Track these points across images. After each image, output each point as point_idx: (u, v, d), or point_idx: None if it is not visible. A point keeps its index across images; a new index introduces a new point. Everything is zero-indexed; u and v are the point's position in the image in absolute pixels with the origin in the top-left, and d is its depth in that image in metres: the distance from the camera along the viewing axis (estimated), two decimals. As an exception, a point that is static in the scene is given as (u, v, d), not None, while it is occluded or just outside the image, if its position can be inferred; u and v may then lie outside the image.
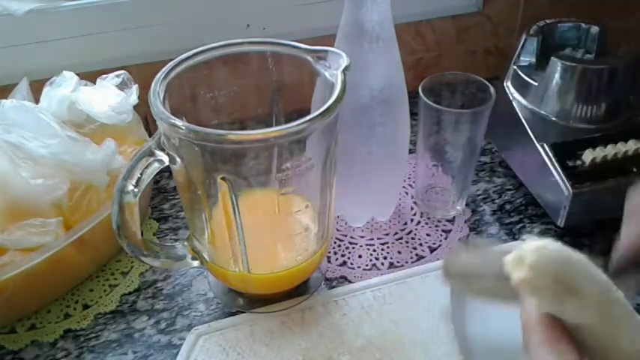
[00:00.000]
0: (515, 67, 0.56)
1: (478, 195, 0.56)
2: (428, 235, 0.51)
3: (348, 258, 0.49)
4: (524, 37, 0.55)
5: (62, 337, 0.44)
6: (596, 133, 0.50)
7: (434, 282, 0.44)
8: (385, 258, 0.49)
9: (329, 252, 0.49)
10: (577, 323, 0.24)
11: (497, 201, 0.55)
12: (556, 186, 0.47)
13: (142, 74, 0.55)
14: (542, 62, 0.54)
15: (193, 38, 0.46)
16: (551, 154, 0.49)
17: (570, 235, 0.50)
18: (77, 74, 0.51)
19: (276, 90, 0.42)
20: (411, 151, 0.50)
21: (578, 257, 0.24)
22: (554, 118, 0.52)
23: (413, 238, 0.51)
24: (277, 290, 0.44)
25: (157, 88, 0.35)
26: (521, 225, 0.52)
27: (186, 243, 0.42)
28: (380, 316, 0.42)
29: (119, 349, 0.43)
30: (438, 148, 0.49)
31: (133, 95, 0.51)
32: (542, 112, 0.53)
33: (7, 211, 0.42)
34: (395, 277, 0.45)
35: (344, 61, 0.37)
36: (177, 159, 0.36)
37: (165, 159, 0.36)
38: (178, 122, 0.32)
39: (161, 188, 0.58)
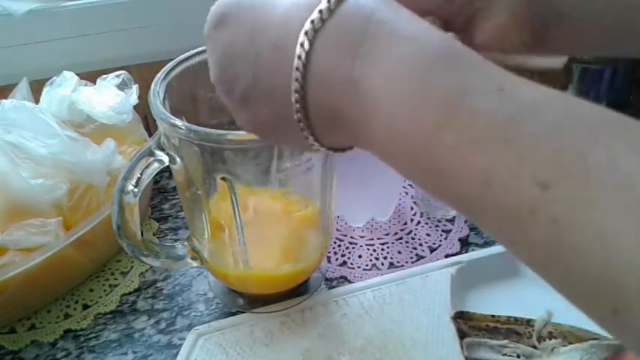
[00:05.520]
0: (515, 67, 0.56)
1: (478, 195, 0.55)
2: (428, 235, 0.51)
3: (348, 258, 0.49)
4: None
5: (62, 337, 0.44)
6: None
7: (434, 282, 0.44)
8: (385, 258, 0.49)
9: (329, 252, 0.49)
10: None
11: (497, 201, 0.55)
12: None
13: (142, 74, 0.55)
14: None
15: (193, 38, 0.46)
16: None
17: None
18: (77, 74, 0.51)
19: (276, 90, 0.42)
20: (411, 151, 0.50)
21: None
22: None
23: (413, 238, 0.51)
24: (277, 290, 0.44)
25: (157, 88, 0.35)
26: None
27: (186, 243, 0.42)
28: (380, 316, 0.42)
29: (119, 349, 0.43)
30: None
31: (133, 95, 0.51)
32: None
33: (7, 211, 0.43)
34: (395, 277, 0.45)
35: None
36: (177, 159, 0.36)
37: (165, 159, 0.36)
38: (178, 122, 0.32)
39: (161, 188, 0.58)
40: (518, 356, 0.39)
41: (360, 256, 0.49)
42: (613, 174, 0.16)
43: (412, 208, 0.54)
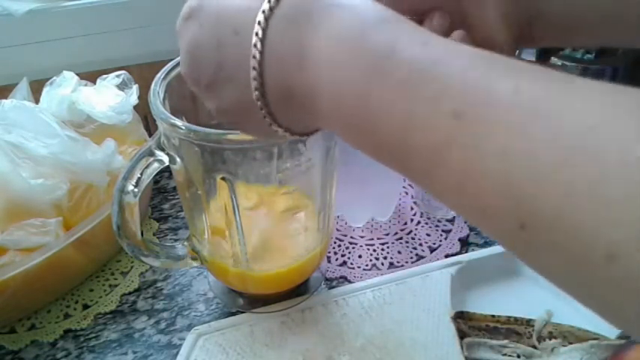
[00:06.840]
0: (515, 67, 0.56)
1: (478, 195, 0.56)
2: (428, 235, 0.51)
3: (348, 258, 0.49)
4: (524, 37, 0.55)
5: (62, 337, 0.44)
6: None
7: (434, 282, 0.44)
8: (385, 258, 0.49)
9: (329, 252, 0.49)
10: None
11: (497, 201, 0.55)
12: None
13: (142, 74, 0.55)
14: (542, 62, 0.54)
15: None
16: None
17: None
18: (77, 74, 0.51)
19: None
20: (411, 151, 0.50)
21: None
22: (554, 118, 0.52)
23: (413, 238, 0.51)
24: (277, 290, 0.44)
25: (157, 88, 0.35)
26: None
27: (186, 243, 0.42)
28: (380, 316, 0.42)
29: (119, 349, 0.43)
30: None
31: (133, 95, 0.51)
32: (542, 112, 0.53)
33: (7, 211, 0.43)
34: (395, 277, 0.45)
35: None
36: (177, 159, 0.36)
37: (165, 159, 0.36)
38: (178, 122, 0.32)
39: (161, 188, 0.58)
40: (519, 356, 0.39)
41: (360, 256, 0.49)
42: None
43: (412, 208, 0.54)
